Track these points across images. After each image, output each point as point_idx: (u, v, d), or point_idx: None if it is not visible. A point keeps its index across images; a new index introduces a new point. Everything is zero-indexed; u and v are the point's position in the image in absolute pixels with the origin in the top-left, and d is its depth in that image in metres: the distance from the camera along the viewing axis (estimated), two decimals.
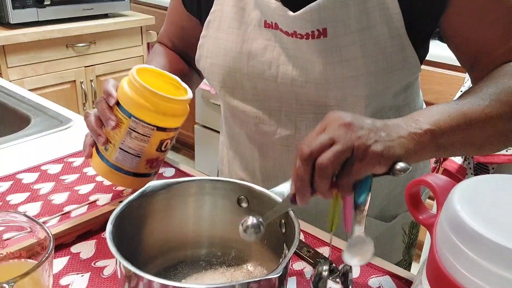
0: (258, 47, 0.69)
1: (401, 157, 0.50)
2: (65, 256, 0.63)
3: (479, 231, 0.36)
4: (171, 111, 0.66)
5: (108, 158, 0.68)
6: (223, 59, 0.72)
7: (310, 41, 0.64)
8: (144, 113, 0.64)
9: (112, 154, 0.67)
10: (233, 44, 0.71)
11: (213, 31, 0.74)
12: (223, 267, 0.63)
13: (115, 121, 0.65)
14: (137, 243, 0.59)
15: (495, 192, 0.41)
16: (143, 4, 2.82)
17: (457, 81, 1.72)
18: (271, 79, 0.69)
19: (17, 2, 2.01)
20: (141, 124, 0.64)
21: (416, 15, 0.64)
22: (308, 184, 0.50)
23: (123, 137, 0.66)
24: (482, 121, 0.57)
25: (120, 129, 0.65)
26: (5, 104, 1.14)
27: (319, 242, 0.68)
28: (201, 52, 0.76)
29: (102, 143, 0.67)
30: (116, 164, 0.67)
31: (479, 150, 0.61)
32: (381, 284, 0.60)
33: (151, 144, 0.66)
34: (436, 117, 0.54)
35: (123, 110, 0.65)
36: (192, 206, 0.63)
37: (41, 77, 2.14)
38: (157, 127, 0.65)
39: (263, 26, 0.68)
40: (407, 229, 0.86)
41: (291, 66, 0.67)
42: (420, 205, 0.50)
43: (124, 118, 0.65)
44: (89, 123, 0.67)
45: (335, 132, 0.50)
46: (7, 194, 0.77)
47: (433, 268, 0.40)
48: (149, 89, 0.63)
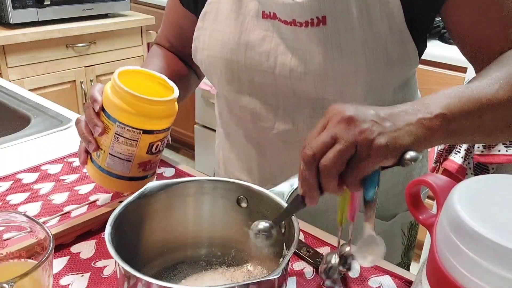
0: (256, 38, 0.69)
1: (409, 146, 0.47)
2: (65, 256, 0.63)
3: (479, 231, 0.36)
4: (156, 113, 0.64)
5: (100, 164, 0.67)
6: (220, 51, 0.71)
7: (310, 29, 0.64)
8: (128, 117, 0.63)
9: (103, 160, 0.66)
10: (230, 35, 0.70)
11: (209, 22, 0.73)
12: (223, 267, 0.63)
13: (102, 128, 0.64)
14: (136, 244, 0.59)
15: (495, 192, 0.41)
16: (143, 4, 2.82)
17: (457, 81, 1.72)
18: (269, 70, 0.69)
19: (17, 2, 2.01)
20: (127, 128, 0.63)
21: (416, 9, 0.64)
22: (315, 186, 0.49)
23: (111, 143, 0.65)
24: (494, 105, 0.54)
25: (108, 135, 0.64)
26: (5, 104, 1.14)
27: (319, 242, 0.68)
28: (197, 44, 0.75)
29: (92, 149, 0.66)
30: (108, 169, 0.67)
31: (489, 136, 0.58)
32: (381, 284, 0.60)
33: (140, 147, 0.65)
34: (447, 101, 0.51)
35: (108, 115, 0.64)
36: (192, 206, 0.62)
37: (41, 77, 2.14)
38: (143, 131, 0.64)
39: (261, 17, 0.68)
40: (406, 230, 0.86)
41: (290, 56, 0.67)
42: (420, 205, 0.50)
43: (110, 124, 0.64)
44: (80, 129, 0.67)
45: (336, 129, 0.47)
46: (7, 194, 0.77)
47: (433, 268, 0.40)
48: (131, 92, 0.62)
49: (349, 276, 0.61)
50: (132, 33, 2.42)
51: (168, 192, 0.60)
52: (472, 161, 1.44)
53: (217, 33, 0.72)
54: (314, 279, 0.60)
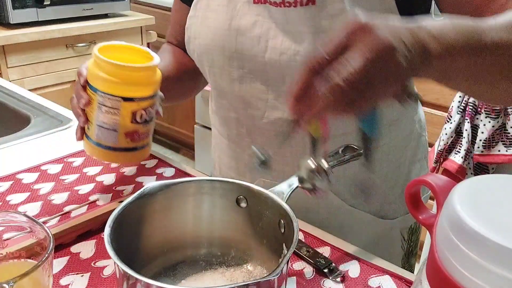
0: (247, 23, 0.69)
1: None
2: (65, 256, 0.63)
3: (479, 231, 0.36)
4: (135, 79, 0.66)
5: (91, 136, 0.70)
6: (211, 38, 0.72)
7: (300, 9, 0.64)
8: (107, 86, 0.65)
9: (93, 132, 0.69)
10: (221, 21, 0.71)
11: (201, 11, 0.74)
12: (222, 267, 0.63)
13: (86, 99, 0.67)
14: (136, 244, 0.59)
15: (495, 192, 0.41)
16: (143, 4, 2.82)
17: None
18: (259, 55, 0.69)
19: (17, 2, 2.01)
20: (107, 97, 0.65)
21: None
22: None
23: (96, 113, 0.67)
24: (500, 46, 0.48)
25: (92, 106, 0.67)
26: (5, 104, 1.14)
27: (318, 242, 0.68)
28: (189, 34, 0.76)
29: (82, 122, 0.69)
30: (98, 141, 0.69)
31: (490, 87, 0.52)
32: (381, 284, 0.60)
33: (123, 116, 0.67)
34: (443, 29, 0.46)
35: (90, 86, 0.67)
36: (191, 206, 0.62)
37: (41, 77, 2.14)
38: (123, 98, 0.66)
39: (252, 2, 0.69)
40: (406, 234, 0.86)
41: (281, 39, 0.67)
42: (420, 205, 0.50)
43: (92, 95, 0.66)
44: (72, 105, 0.70)
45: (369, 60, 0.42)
46: (7, 194, 0.77)
47: (433, 268, 0.40)
48: (108, 61, 0.64)
49: (349, 276, 0.61)
50: (132, 33, 2.42)
51: (167, 192, 0.60)
52: (472, 161, 1.44)
53: (209, 21, 0.72)
54: (314, 279, 0.60)
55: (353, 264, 0.63)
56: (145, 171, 0.85)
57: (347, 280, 0.60)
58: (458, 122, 1.44)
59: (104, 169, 0.86)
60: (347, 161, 0.64)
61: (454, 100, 1.47)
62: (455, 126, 1.45)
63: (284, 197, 0.58)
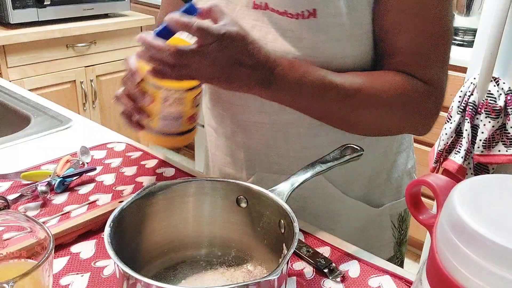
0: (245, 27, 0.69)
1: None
2: (65, 256, 0.63)
3: (480, 231, 0.36)
4: None
5: (153, 127, 0.72)
6: None
7: (300, 21, 0.66)
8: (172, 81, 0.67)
9: (156, 124, 0.72)
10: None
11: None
12: (223, 267, 0.63)
13: (151, 97, 0.68)
14: (136, 244, 0.59)
15: (495, 192, 0.41)
16: (143, 4, 2.82)
17: (457, 81, 1.72)
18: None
19: (17, 2, 2.01)
20: (173, 91, 0.69)
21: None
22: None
23: (160, 107, 0.70)
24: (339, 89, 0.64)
25: (156, 102, 0.69)
26: (5, 104, 1.14)
27: (319, 242, 0.68)
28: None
29: (145, 119, 0.71)
30: (162, 130, 0.73)
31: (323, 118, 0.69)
32: (381, 284, 0.60)
33: (186, 104, 0.71)
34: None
35: (150, 83, 0.68)
36: (192, 206, 0.63)
37: (41, 77, 2.14)
38: (187, 89, 0.70)
39: (252, 7, 0.69)
40: (396, 222, 0.87)
41: (280, 43, 0.68)
42: (420, 205, 0.50)
43: (155, 90, 0.68)
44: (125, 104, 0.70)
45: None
46: (7, 194, 0.76)
47: (433, 268, 0.40)
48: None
49: (349, 276, 0.61)
50: (132, 33, 2.42)
51: (168, 192, 0.60)
52: (472, 161, 1.44)
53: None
54: (314, 279, 0.60)
55: (353, 264, 0.63)
56: (145, 171, 0.86)
57: (347, 280, 0.60)
58: (458, 122, 1.44)
59: (104, 169, 0.86)
60: (347, 161, 0.64)
61: (454, 100, 1.47)
62: (455, 126, 1.45)
63: (284, 197, 0.58)
